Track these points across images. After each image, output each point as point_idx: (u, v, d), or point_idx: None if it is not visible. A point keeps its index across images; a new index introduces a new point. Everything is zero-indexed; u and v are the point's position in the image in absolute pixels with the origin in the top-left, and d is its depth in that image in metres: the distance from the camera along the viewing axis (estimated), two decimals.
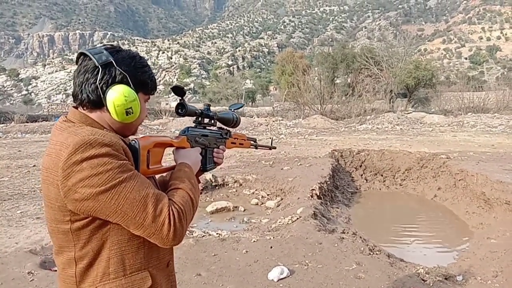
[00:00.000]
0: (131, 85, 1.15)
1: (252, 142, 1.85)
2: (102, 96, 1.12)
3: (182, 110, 1.38)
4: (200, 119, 1.51)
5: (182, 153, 1.38)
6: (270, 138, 2.50)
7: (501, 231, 4.99)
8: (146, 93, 1.24)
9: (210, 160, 1.54)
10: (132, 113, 1.15)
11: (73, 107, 1.19)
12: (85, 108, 1.16)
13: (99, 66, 1.11)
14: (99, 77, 1.11)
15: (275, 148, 2.19)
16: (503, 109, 22.91)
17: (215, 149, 1.55)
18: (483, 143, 11.07)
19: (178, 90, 1.33)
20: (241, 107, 1.78)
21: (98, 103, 1.14)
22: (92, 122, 1.15)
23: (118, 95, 1.11)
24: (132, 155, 1.15)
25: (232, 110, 1.71)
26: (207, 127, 1.55)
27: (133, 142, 1.18)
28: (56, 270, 3.88)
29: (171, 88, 1.38)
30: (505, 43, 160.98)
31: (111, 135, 1.11)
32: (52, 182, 1.07)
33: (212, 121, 1.56)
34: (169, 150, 1.40)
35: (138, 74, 1.18)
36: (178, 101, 1.37)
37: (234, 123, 1.67)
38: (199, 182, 1.44)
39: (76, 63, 1.17)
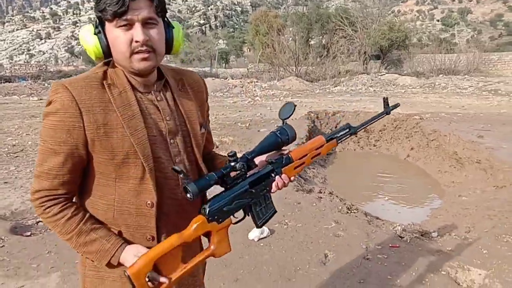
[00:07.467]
0: (96, 23, 1.05)
1: (331, 143, 1.31)
2: None
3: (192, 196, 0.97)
4: (225, 179, 1.06)
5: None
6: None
7: (472, 188, 5.16)
8: (111, 19, 1.00)
9: (260, 213, 1.14)
10: (97, 50, 1.05)
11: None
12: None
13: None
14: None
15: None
16: (473, 71, 23.40)
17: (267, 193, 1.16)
18: (454, 105, 11.31)
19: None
20: (293, 109, 1.24)
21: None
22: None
23: (80, 40, 1.07)
24: None
25: (281, 125, 1.21)
26: (242, 178, 1.09)
27: None
28: (28, 235, 3.73)
29: None
30: (476, 5, 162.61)
31: None
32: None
33: (249, 165, 1.10)
34: None
35: (97, 7, 1.01)
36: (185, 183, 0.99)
37: (286, 143, 1.20)
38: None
39: None
